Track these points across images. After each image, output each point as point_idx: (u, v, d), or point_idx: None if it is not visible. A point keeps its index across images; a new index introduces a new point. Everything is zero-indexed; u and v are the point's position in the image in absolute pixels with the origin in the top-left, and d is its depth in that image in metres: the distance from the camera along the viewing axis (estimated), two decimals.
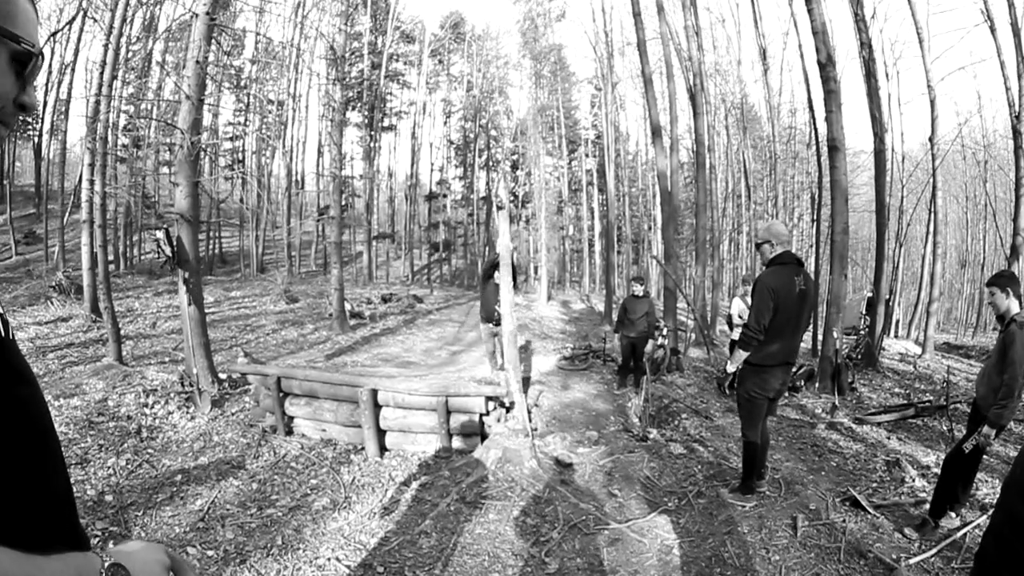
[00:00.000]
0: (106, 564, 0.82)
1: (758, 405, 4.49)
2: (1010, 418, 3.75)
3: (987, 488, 4.80)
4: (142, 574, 0.88)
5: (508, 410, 5.86)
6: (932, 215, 15.89)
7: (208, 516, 4.32)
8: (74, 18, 16.22)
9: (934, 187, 14.92)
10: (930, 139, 13.95)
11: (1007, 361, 3.59)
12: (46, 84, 23.27)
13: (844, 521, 4.12)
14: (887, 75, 16.98)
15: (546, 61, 27.57)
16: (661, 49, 13.85)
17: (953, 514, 4.03)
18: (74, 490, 0.96)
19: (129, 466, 5.31)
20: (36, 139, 26.20)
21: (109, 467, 5.23)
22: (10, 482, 0.79)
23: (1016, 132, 11.43)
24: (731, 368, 4.66)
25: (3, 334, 0.84)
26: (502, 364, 7.85)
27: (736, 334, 8.55)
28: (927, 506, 4.14)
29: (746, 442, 4.59)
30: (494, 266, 7.93)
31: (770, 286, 4.22)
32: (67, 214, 20.10)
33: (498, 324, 8.20)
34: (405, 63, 37.27)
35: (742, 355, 4.40)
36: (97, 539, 3.89)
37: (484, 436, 5.69)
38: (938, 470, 4.13)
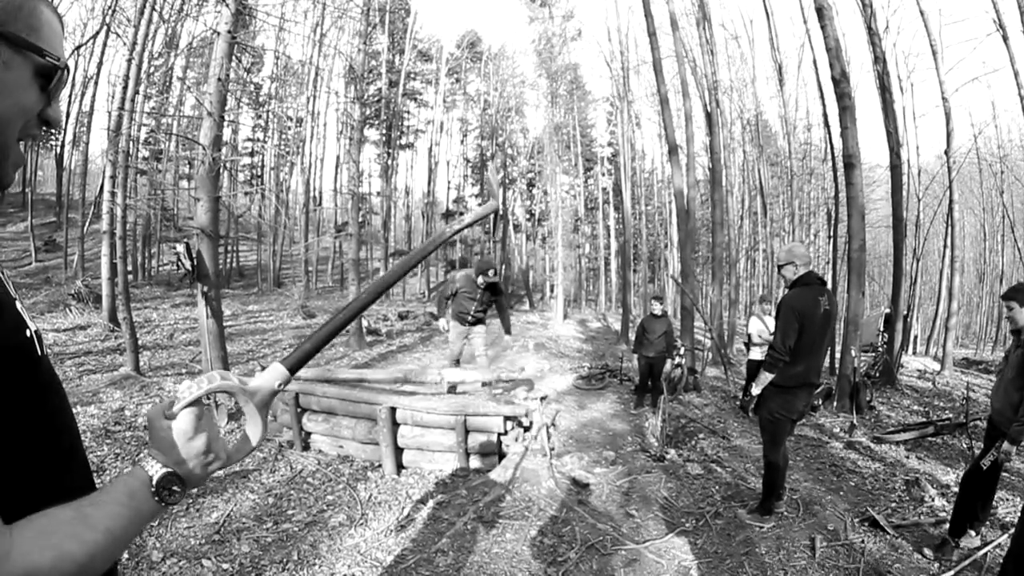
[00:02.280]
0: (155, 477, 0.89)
1: (782, 427, 4.46)
2: None
3: (1007, 507, 4.73)
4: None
5: (526, 430, 5.85)
6: (949, 228, 15.73)
7: (224, 529, 4.33)
8: (97, 32, 16.50)
9: (951, 200, 14.79)
10: (945, 152, 13.84)
11: None
12: (70, 96, 23.81)
13: (863, 542, 4.08)
14: (901, 88, 16.86)
15: (562, 80, 27.69)
16: (676, 67, 13.91)
17: (973, 532, 3.98)
18: None
19: None
20: (58, 149, 26.78)
21: None
22: (38, 489, 0.81)
23: None
24: (756, 391, 4.54)
25: (40, 352, 0.88)
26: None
27: (753, 354, 8.48)
28: (947, 526, 4.08)
29: (768, 463, 4.56)
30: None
31: (795, 307, 4.24)
32: (87, 224, 20.43)
33: (473, 324, 7.91)
34: (422, 81, 37.63)
35: (767, 377, 4.37)
36: None
37: (502, 455, 5.68)
38: (958, 489, 4.08)
